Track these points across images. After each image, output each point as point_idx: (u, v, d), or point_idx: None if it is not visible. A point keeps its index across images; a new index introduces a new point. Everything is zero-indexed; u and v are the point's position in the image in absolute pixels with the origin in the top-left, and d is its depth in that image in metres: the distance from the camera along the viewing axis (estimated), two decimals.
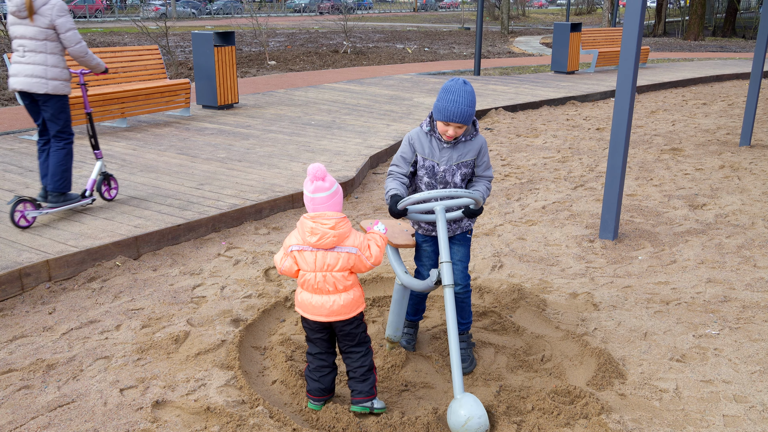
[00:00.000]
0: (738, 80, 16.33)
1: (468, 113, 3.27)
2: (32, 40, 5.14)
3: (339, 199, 3.09)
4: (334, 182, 3.10)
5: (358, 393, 3.21)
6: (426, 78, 15.11)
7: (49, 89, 5.18)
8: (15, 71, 5.20)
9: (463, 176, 3.45)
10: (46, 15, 5.11)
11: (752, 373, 3.56)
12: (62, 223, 5.27)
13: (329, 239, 3.00)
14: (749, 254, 5.22)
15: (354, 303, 3.13)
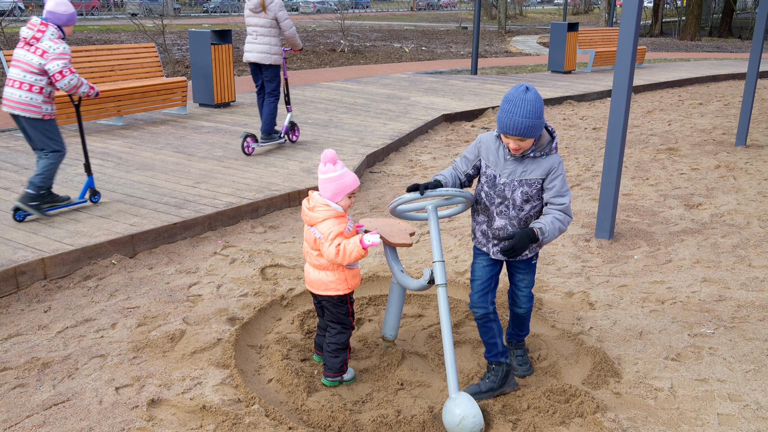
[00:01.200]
0: (734, 80, 16.37)
1: (525, 125, 2.95)
2: (262, 28, 7.59)
3: (334, 187, 3.23)
4: (334, 171, 3.24)
5: (329, 369, 3.46)
6: (423, 77, 15.11)
7: (272, 61, 7.66)
8: (249, 49, 7.68)
9: (525, 196, 3.15)
10: (272, 10, 7.54)
11: (747, 372, 3.57)
12: (58, 221, 5.26)
13: (306, 216, 3.30)
14: (744, 254, 5.24)
15: (324, 283, 3.35)
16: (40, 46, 5.08)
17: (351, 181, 3.27)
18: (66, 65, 5.09)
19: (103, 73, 9.18)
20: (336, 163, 3.25)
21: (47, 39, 5.09)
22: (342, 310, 3.42)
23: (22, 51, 5.13)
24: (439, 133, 9.85)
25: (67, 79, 5.08)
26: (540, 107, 2.97)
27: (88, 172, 5.63)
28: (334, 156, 3.25)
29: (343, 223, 3.28)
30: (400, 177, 7.47)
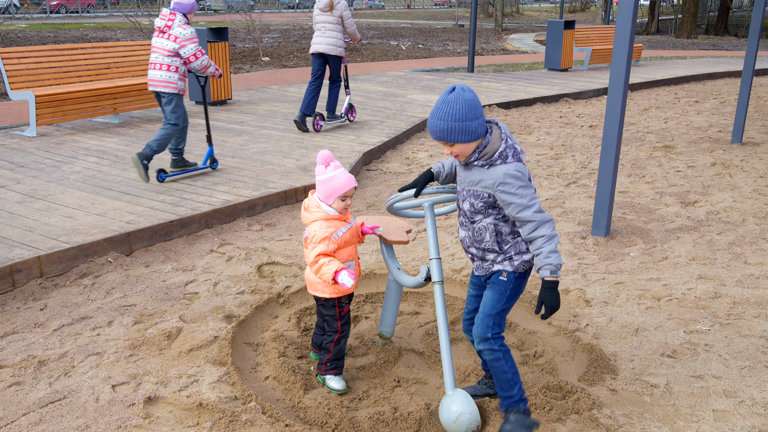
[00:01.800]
0: (730, 78, 16.40)
1: (441, 128, 2.70)
2: (330, 24, 8.76)
3: (324, 189, 3.19)
4: (324, 172, 3.20)
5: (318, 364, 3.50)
6: (420, 75, 15.10)
7: (337, 52, 8.85)
8: (318, 42, 8.83)
9: (473, 207, 2.86)
10: (338, 9, 8.73)
11: (742, 368, 3.58)
12: (53, 219, 5.25)
13: (302, 215, 3.30)
14: (740, 251, 5.25)
15: (312, 283, 3.36)
16: (171, 33, 6.15)
17: (341, 184, 3.15)
18: (197, 48, 6.17)
19: (99, 71, 9.16)
20: (328, 165, 3.18)
21: (177, 26, 6.15)
22: (329, 312, 3.37)
23: (158, 39, 6.23)
24: None
25: (199, 61, 6.20)
26: (463, 109, 2.67)
27: (209, 142, 6.73)
28: (326, 157, 3.19)
29: (333, 227, 3.20)
30: (396, 174, 7.47)
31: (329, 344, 3.41)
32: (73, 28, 26.86)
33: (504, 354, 2.91)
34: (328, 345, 3.42)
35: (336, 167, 3.19)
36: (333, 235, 3.19)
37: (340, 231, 3.23)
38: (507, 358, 2.92)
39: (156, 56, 6.24)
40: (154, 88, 6.30)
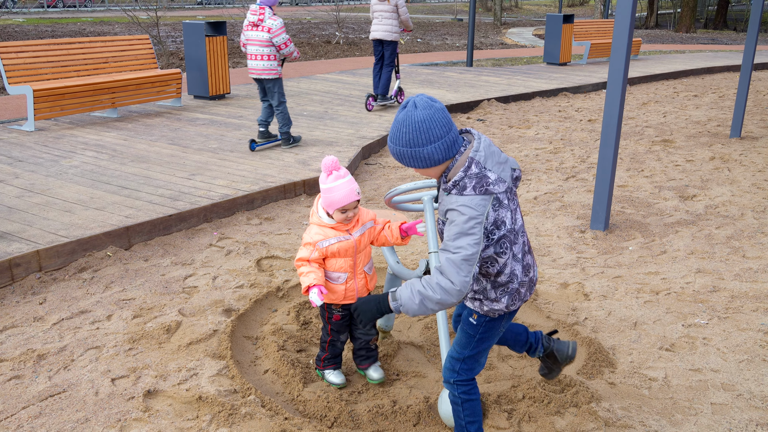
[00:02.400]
0: (729, 72, 16.38)
1: (394, 152, 2.35)
2: (386, 12, 9.73)
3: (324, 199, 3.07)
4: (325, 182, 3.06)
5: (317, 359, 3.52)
6: (418, 69, 15.08)
7: (392, 38, 9.80)
8: (376, 29, 9.83)
9: (441, 234, 2.44)
10: (393, 2, 9.68)
11: (740, 362, 3.59)
12: (52, 213, 5.25)
13: None
14: (738, 245, 5.26)
15: None
16: (264, 25, 7.11)
17: (340, 197, 2.99)
18: (287, 37, 7.18)
19: (97, 65, 9.13)
20: (330, 174, 3.01)
21: (268, 18, 7.09)
22: (323, 314, 3.38)
23: (252, 32, 7.19)
24: None
25: (288, 48, 7.24)
26: (412, 133, 2.27)
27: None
28: (330, 165, 3.01)
29: (321, 236, 3.10)
30: (395, 169, 7.46)
31: (323, 342, 3.42)
32: (70, 22, 26.77)
33: (462, 403, 2.68)
34: (322, 342, 3.43)
35: (338, 177, 3.00)
36: (318, 244, 3.10)
37: (328, 241, 3.11)
38: (465, 407, 2.69)
39: (255, 48, 7.19)
40: (258, 76, 7.31)
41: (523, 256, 2.48)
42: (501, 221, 2.34)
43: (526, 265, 2.51)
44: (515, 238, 2.42)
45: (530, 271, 2.54)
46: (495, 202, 2.31)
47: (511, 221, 2.38)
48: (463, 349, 2.65)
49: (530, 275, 2.54)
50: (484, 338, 2.62)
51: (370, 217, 3.27)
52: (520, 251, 2.46)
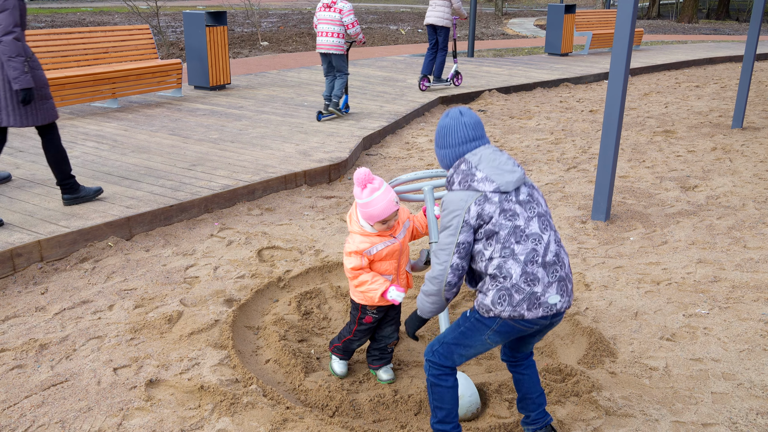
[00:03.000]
0: (731, 63, 16.33)
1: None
2: (441, 1, 10.61)
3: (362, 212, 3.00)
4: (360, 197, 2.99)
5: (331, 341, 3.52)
6: (420, 60, 15.02)
7: (443, 23, 10.66)
8: (429, 14, 10.72)
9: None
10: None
11: (741, 351, 3.60)
12: (54, 204, 5.25)
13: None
14: (739, 235, 5.26)
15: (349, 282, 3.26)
16: (336, 6, 8.18)
17: (379, 211, 2.92)
18: (355, 18, 8.18)
19: (97, 55, 9.11)
20: (365, 188, 2.92)
21: (340, 1, 8.17)
22: (353, 312, 3.32)
23: (325, 12, 8.26)
24: (435, 115, 9.82)
25: (355, 28, 8.25)
26: (436, 136, 2.70)
27: (345, 92, 8.66)
28: (363, 178, 2.93)
29: (367, 243, 3.04)
30: (396, 159, 7.46)
31: (342, 335, 3.40)
32: (70, 12, 26.68)
33: (432, 386, 2.72)
34: (341, 334, 3.41)
35: (373, 191, 2.92)
36: (366, 252, 3.05)
37: (376, 248, 3.06)
38: (434, 391, 2.72)
39: (326, 26, 8.26)
40: (326, 51, 8.33)
41: (528, 263, 2.47)
42: (487, 216, 2.48)
43: (531, 273, 2.47)
44: (517, 239, 2.48)
45: (535, 284, 2.47)
46: (480, 198, 2.49)
47: (506, 220, 2.48)
48: (447, 334, 2.72)
49: (534, 289, 2.47)
50: (467, 333, 2.63)
51: (406, 216, 3.24)
52: (524, 255, 2.47)
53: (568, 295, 2.56)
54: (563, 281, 2.54)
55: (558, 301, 2.52)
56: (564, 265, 2.56)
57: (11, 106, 4.73)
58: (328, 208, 5.84)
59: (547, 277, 2.50)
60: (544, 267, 2.50)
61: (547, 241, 2.52)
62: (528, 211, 2.53)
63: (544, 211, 2.59)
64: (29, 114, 4.78)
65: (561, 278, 2.53)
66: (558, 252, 2.55)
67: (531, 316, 2.49)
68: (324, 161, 6.68)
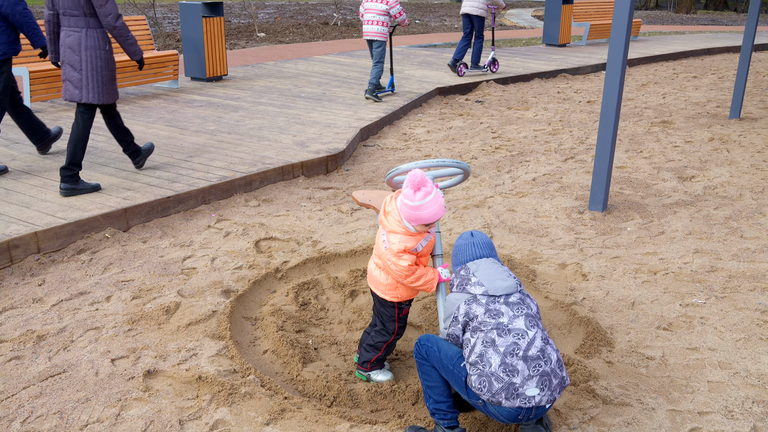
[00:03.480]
0: (729, 53, 16.31)
1: None
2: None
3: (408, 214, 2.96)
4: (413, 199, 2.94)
5: (360, 361, 3.37)
6: (416, 50, 14.99)
7: (478, 13, 11.23)
8: (465, 4, 11.30)
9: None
10: None
11: (737, 340, 3.61)
12: (50, 195, 5.23)
13: (379, 216, 3.14)
14: (736, 225, 5.27)
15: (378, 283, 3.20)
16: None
17: (428, 216, 2.91)
18: (401, 8, 9.05)
19: None
20: (417, 191, 2.89)
21: None
22: (387, 312, 3.23)
23: (372, 3, 9.06)
24: (432, 106, 9.80)
25: (402, 17, 9.11)
26: (453, 255, 3.04)
27: (391, 72, 9.88)
28: (417, 182, 2.89)
29: (413, 242, 3.01)
30: (393, 150, 7.45)
31: (381, 343, 3.27)
32: None
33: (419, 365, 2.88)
34: (379, 344, 3.27)
35: (426, 194, 2.90)
36: (413, 249, 3.03)
37: (420, 244, 3.05)
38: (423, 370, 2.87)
39: (372, 16, 9.09)
40: (371, 38, 9.20)
41: (507, 354, 2.59)
42: (473, 314, 2.71)
43: (510, 365, 2.58)
44: (499, 333, 2.63)
45: (514, 376, 2.56)
46: (470, 299, 2.74)
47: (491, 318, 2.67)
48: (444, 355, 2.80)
49: (512, 380, 2.56)
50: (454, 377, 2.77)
51: None
52: (504, 348, 2.60)
53: (550, 390, 2.61)
54: (546, 376, 2.61)
55: (537, 394, 2.58)
56: (550, 361, 2.64)
57: (91, 84, 5.24)
58: (325, 199, 5.84)
59: (527, 370, 2.58)
60: (525, 360, 2.59)
61: (532, 338, 2.63)
62: (515, 311, 2.69)
63: (534, 314, 2.73)
64: (103, 92, 5.33)
65: (544, 373, 2.60)
66: (544, 348, 2.64)
67: (508, 405, 2.58)
68: (321, 152, 6.67)
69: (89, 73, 5.21)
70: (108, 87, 5.35)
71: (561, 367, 2.67)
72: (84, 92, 5.25)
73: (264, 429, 2.88)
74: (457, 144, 7.70)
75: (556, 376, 2.63)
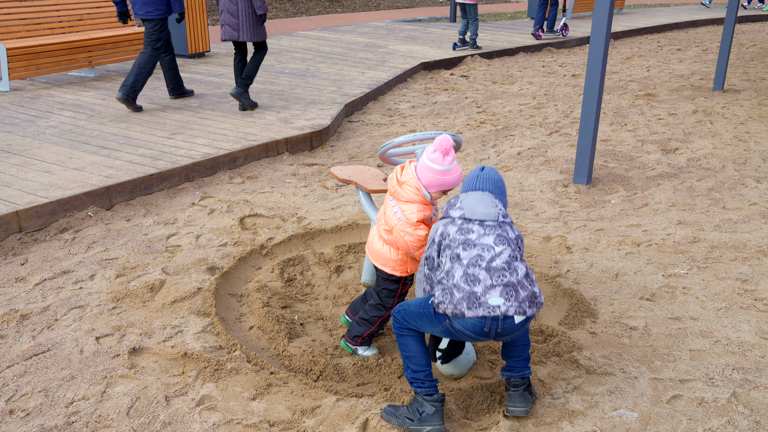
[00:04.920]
0: (713, 26, 16.31)
1: None
2: None
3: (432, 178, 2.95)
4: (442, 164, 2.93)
5: (348, 332, 3.34)
6: (401, 25, 14.86)
7: None
8: None
9: None
10: None
11: (718, 309, 3.66)
12: (30, 174, 5.17)
13: (391, 187, 3.06)
14: (719, 196, 5.31)
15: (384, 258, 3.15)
16: None
17: (452, 181, 2.95)
18: None
19: (72, 22, 8.90)
20: (447, 155, 2.91)
21: None
22: (391, 287, 3.20)
23: None
24: (417, 81, 9.75)
25: None
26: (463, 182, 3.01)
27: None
28: (448, 146, 2.90)
29: (427, 212, 3.00)
30: (378, 126, 7.41)
31: (376, 318, 3.24)
32: None
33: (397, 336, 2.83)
34: (374, 318, 3.25)
35: (453, 159, 2.94)
36: (427, 219, 3.02)
37: (433, 214, 3.08)
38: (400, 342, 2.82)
39: None
40: (463, 2, 10.90)
41: (470, 265, 2.61)
42: (446, 234, 2.72)
43: (471, 275, 2.59)
44: (465, 248, 2.65)
45: (475, 285, 2.57)
46: (448, 221, 2.76)
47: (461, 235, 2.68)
48: (413, 305, 2.80)
49: (473, 289, 2.57)
50: (423, 318, 2.74)
51: None
52: (468, 260, 2.62)
53: (517, 302, 2.58)
54: (511, 287, 2.59)
55: (501, 304, 2.56)
56: (516, 272, 2.61)
57: (249, 26, 6.75)
58: (310, 176, 5.81)
59: (490, 280, 2.58)
60: (488, 270, 2.59)
61: (499, 252, 2.62)
62: (487, 231, 2.68)
63: (509, 237, 2.69)
64: (257, 33, 6.82)
65: (509, 283, 2.59)
66: (510, 262, 2.62)
67: (471, 314, 2.56)
68: (305, 129, 6.62)
69: (244, 18, 6.71)
70: (261, 29, 6.85)
71: (531, 282, 2.64)
72: (243, 33, 6.76)
73: (251, 404, 2.89)
74: (442, 119, 7.67)
75: (523, 288, 2.60)
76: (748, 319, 3.55)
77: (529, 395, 2.82)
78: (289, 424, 2.79)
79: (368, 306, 3.29)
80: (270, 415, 2.83)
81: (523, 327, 2.65)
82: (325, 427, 2.77)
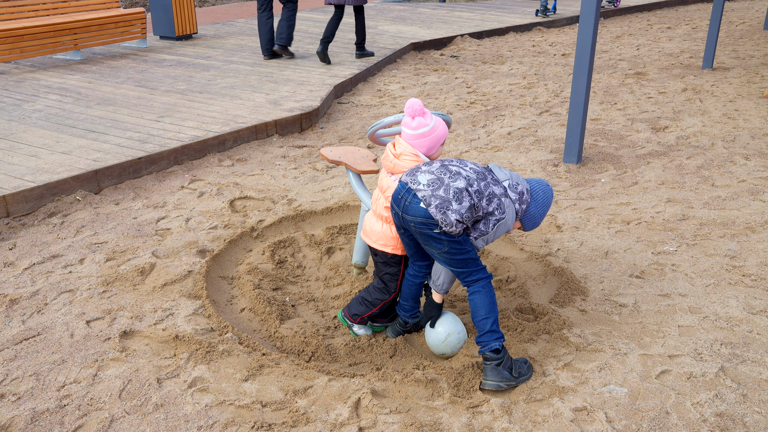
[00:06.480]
0: (702, 4, 16.26)
1: None
2: None
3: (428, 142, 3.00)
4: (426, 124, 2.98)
5: (347, 308, 3.31)
6: (390, 5, 14.74)
7: None
8: None
9: None
10: None
11: (707, 286, 3.69)
12: (17, 158, 5.12)
13: (389, 163, 3.06)
14: (708, 174, 5.33)
15: (384, 237, 3.12)
16: None
17: (443, 132, 3.01)
18: None
19: (56, 4, 8.78)
20: (425, 115, 2.96)
21: None
22: (391, 270, 3.18)
23: None
24: (407, 62, 9.69)
25: None
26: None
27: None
28: (421, 107, 2.95)
29: None
30: (368, 107, 7.37)
31: (378, 300, 3.21)
32: None
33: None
34: (376, 300, 3.21)
35: (431, 116, 3.00)
36: None
37: None
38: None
39: None
40: None
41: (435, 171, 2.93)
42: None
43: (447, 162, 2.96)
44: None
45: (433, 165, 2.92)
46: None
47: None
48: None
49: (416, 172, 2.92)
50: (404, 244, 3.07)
51: None
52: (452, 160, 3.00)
53: (432, 194, 2.74)
54: (441, 183, 2.76)
55: (422, 185, 2.76)
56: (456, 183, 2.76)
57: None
58: (300, 158, 5.78)
59: (431, 174, 2.81)
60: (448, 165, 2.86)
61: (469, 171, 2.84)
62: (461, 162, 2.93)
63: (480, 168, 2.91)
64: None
65: (441, 180, 2.77)
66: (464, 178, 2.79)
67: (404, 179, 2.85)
68: (295, 110, 6.58)
69: None
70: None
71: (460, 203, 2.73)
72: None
73: (243, 385, 2.90)
74: (432, 99, 7.64)
75: (447, 194, 2.73)
76: (736, 295, 3.58)
77: (506, 372, 2.84)
78: (281, 404, 2.80)
79: (372, 287, 3.25)
80: (262, 395, 2.84)
81: (424, 224, 2.76)
82: (318, 407, 2.78)
